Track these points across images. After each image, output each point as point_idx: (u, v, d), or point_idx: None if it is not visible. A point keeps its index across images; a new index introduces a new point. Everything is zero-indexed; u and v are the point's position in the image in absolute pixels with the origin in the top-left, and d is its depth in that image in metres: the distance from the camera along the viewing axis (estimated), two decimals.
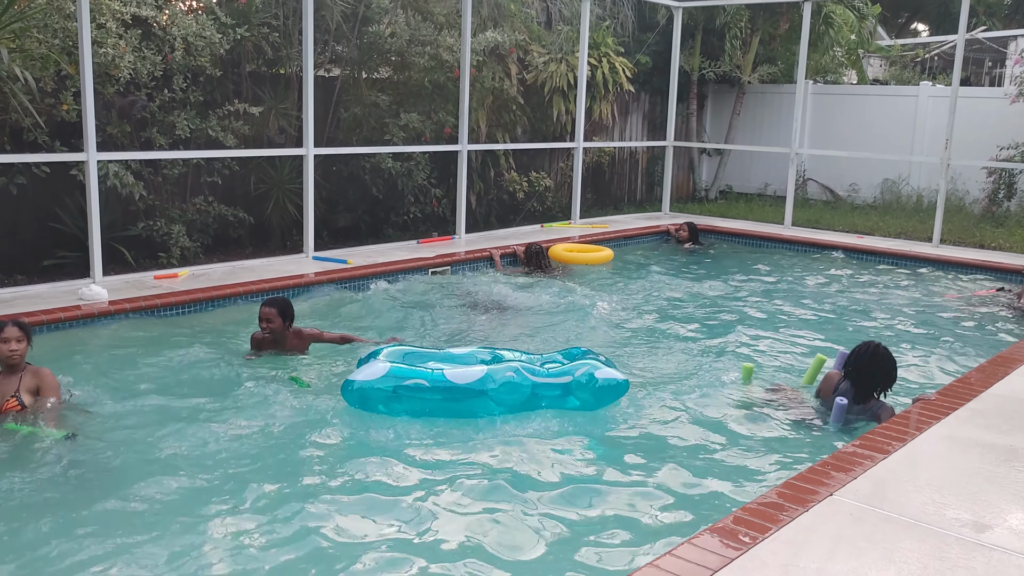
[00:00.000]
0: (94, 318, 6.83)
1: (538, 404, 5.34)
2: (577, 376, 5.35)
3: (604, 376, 5.37)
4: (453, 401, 5.24)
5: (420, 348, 5.96)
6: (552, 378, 5.37)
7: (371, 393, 5.23)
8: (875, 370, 5.35)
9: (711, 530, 3.65)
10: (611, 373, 5.43)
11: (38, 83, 8.15)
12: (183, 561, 3.67)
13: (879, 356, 5.37)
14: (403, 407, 5.24)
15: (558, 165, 14.38)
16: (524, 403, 5.31)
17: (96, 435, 4.94)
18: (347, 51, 11.35)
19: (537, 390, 5.32)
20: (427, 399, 5.23)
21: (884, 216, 13.94)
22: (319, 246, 9.74)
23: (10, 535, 3.85)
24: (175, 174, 9.50)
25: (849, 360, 5.46)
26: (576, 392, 5.35)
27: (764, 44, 16.65)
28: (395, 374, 5.28)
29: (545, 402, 5.35)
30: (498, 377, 5.27)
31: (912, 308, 8.71)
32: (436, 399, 5.23)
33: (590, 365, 5.41)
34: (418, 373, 5.31)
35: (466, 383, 5.23)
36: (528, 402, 5.32)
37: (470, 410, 5.25)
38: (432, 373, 5.29)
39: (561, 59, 13.38)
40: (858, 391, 5.38)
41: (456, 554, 3.80)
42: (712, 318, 8.14)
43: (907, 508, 3.88)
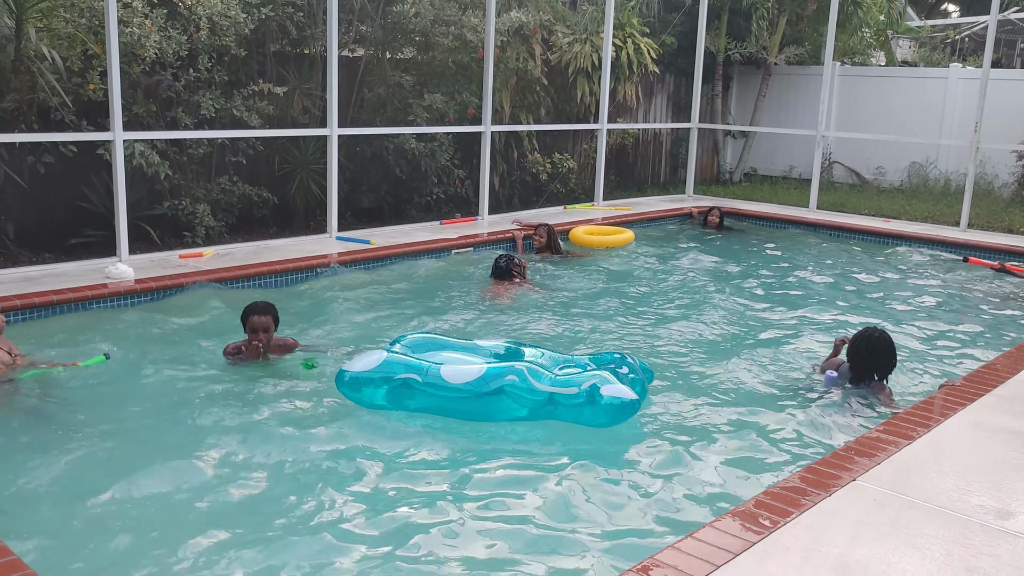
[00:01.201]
0: (120, 296, 6.89)
1: (552, 413, 4.83)
2: (582, 389, 4.80)
3: (610, 393, 4.77)
4: (448, 401, 4.82)
5: (443, 337, 5.54)
6: (557, 388, 4.82)
7: (364, 384, 4.89)
8: (873, 357, 5.51)
9: (733, 514, 3.65)
10: (618, 391, 4.79)
11: (65, 62, 8.21)
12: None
13: (879, 344, 5.53)
14: (402, 402, 4.87)
15: (581, 147, 14.32)
16: (532, 412, 4.82)
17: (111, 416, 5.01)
18: (371, 31, 11.33)
19: (545, 400, 4.81)
20: (422, 396, 4.84)
21: (911, 200, 13.79)
22: (342, 226, 9.77)
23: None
24: (200, 154, 9.55)
25: (850, 344, 5.63)
26: (578, 408, 4.80)
27: (791, 25, 16.47)
28: (389, 365, 4.90)
29: (560, 412, 4.83)
30: (495, 382, 4.79)
31: (939, 292, 8.63)
32: (432, 397, 4.82)
33: (599, 378, 4.82)
34: (413, 366, 4.88)
35: (459, 383, 4.78)
36: (537, 411, 4.82)
37: (471, 412, 4.84)
38: (428, 368, 4.87)
39: (586, 40, 13.29)
40: (855, 374, 5.57)
41: (478, 535, 3.82)
42: (738, 300, 8.10)
43: (931, 494, 3.86)
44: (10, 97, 8.07)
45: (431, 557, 3.64)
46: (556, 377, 4.87)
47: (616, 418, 4.80)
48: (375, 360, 4.93)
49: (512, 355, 5.25)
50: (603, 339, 6.73)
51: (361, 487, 4.24)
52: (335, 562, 3.58)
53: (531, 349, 5.38)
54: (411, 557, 3.64)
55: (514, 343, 5.49)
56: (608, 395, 4.75)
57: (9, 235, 8.36)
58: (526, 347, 5.41)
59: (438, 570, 3.56)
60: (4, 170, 8.22)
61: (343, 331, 6.66)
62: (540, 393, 4.80)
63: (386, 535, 3.80)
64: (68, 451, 4.48)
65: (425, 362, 4.94)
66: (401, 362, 4.92)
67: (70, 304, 6.63)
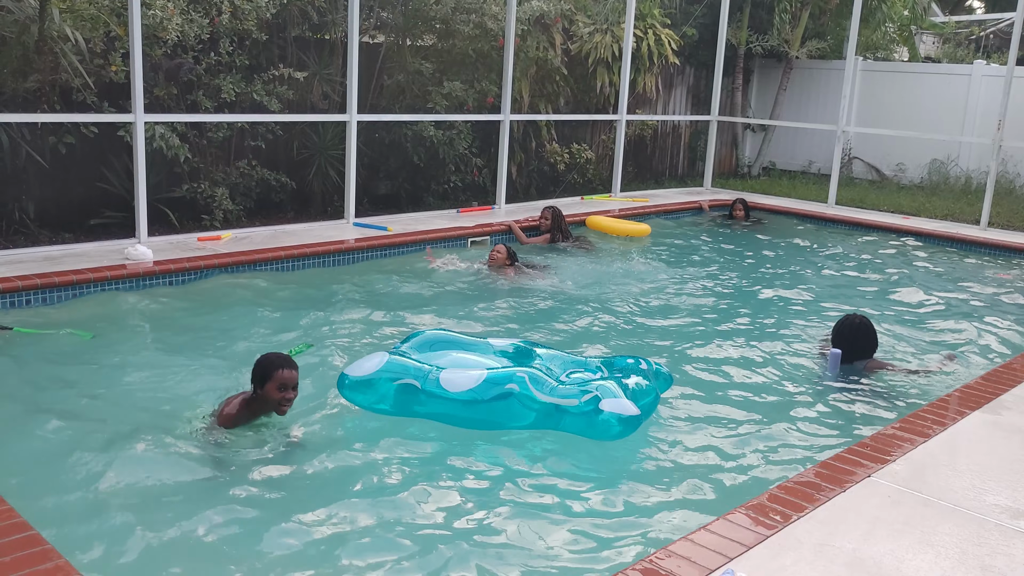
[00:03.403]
0: (139, 277, 6.94)
1: (558, 423, 4.54)
2: (581, 402, 4.49)
3: (610, 408, 4.44)
4: (451, 408, 4.55)
5: (455, 335, 5.32)
6: (557, 398, 4.51)
7: (365, 389, 4.65)
8: (857, 338, 5.92)
9: (746, 507, 3.65)
10: (619, 406, 4.46)
11: (88, 44, 8.24)
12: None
13: (860, 327, 5.96)
14: (408, 408, 4.60)
15: (600, 137, 14.28)
16: (538, 420, 4.54)
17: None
18: (392, 18, 11.32)
19: (551, 410, 4.52)
20: (425, 401, 4.58)
21: (931, 197, 13.70)
22: (359, 212, 9.78)
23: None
24: (219, 137, 9.58)
25: (834, 331, 6.03)
26: (576, 419, 4.50)
27: (814, 19, 16.36)
28: (391, 368, 4.65)
29: (566, 422, 4.53)
30: (495, 389, 4.53)
31: (961, 290, 8.57)
32: (434, 403, 4.57)
33: (601, 390, 4.52)
34: (414, 371, 4.63)
35: (458, 392, 4.53)
36: (543, 419, 4.54)
37: (474, 420, 4.59)
38: (427, 373, 4.61)
39: (606, 30, 13.24)
40: (845, 356, 5.90)
41: (490, 530, 3.83)
42: (755, 292, 8.07)
43: (946, 492, 3.85)
44: (33, 78, 8.11)
45: (433, 555, 3.64)
46: (557, 387, 4.57)
47: (616, 434, 4.48)
48: (377, 363, 4.68)
49: (523, 356, 5.04)
50: (607, 334, 6.68)
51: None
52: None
53: (543, 350, 5.20)
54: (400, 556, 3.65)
55: (527, 343, 5.28)
56: (608, 410, 4.44)
57: (30, 215, 8.42)
58: (538, 347, 5.23)
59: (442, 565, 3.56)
60: (26, 150, 8.27)
61: (353, 320, 6.67)
62: (543, 402, 4.52)
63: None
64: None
65: (427, 366, 4.68)
66: (402, 365, 4.67)
67: (89, 284, 6.67)
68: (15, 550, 3.03)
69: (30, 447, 4.28)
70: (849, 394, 5.53)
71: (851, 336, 5.91)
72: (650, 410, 4.73)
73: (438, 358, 4.89)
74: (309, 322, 6.42)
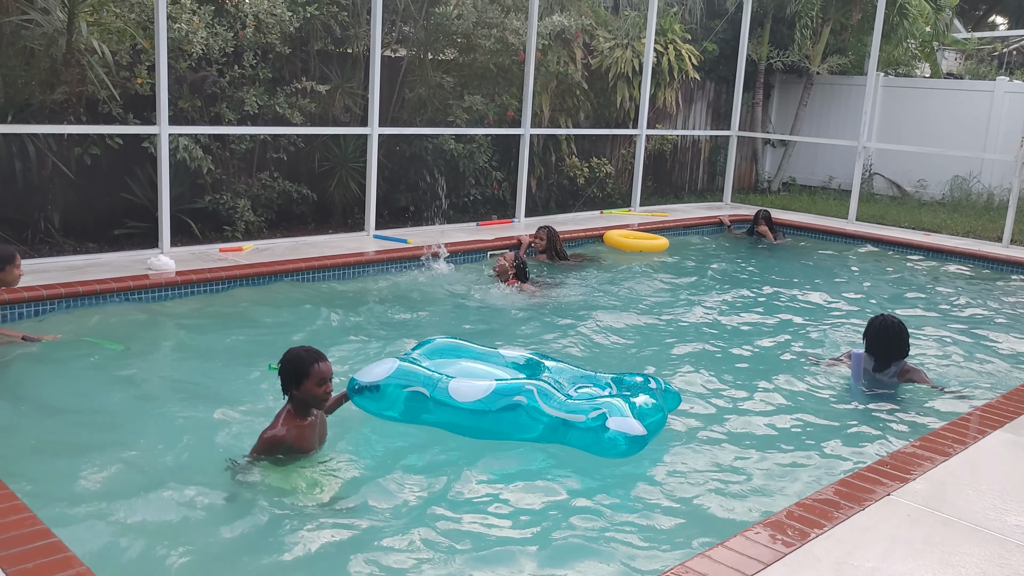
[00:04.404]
0: (161, 288, 7.00)
1: (565, 437, 4.51)
2: (589, 418, 4.47)
3: (616, 427, 4.42)
4: (459, 418, 4.55)
5: (466, 344, 5.26)
6: (565, 413, 4.50)
7: (374, 395, 4.61)
8: (889, 339, 5.77)
9: (764, 524, 3.64)
10: (626, 424, 4.43)
11: (114, 56, 8.35)
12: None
13: (891, 326, 5.81)
14: (417, 416, 4.59)
15: (620, 152, 14.30)
16: (544, 433, 4.52)
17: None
18: (414, 32, 11.41)
19: (558, 424, 4.50)
20: (431, 411, 4.57)
21: (952, 214, 13.62)
22: (379, 225, 9.84)
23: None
24: (242, 149, 9.68)
25: (866, 334, 5.90)
26: (582, 435, 4.48)
27: (835, 34, 16.33)
28: (400, 376, 4.63)
29: (572, 436, 4.50)
30: (503, 401, 4.53)
31: (983, 308, 8.51)
32: (441, 414, 4.56)
33: (609, 408, 4.49)
34: (423, 379, 4.62)
35: (466, 401, 4.52)
36: (550, 433, 4.52)
37: (481, 431, 4.57)
38: (436, 382, 4.61)
39: (627, 45, 13.27)
40: (877, 361, 5.83)
41: (501, 540, 3.84)
42: (773, 306, 8.05)
43: (967, 512, 3.82)
44: (60, 89, 8.23)
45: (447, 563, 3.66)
46: (566, 401, 4.57)
47: (621, 453, 4.44)
48: (386, 370, 4.66)
49: (532, 368, 5.03)
50: (615, 349, 6.66)
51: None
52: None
53: (553, 362, 5.17)
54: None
55: (537, 355, 5.26)
56: (614, 428, 4.41)
57: (55, 225, 8.52)
58: (548, 360, 5.20)
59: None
60: (52, 161, 8.38)
61: (374, 330, 6.71)
62: (550, 416, 4.51)
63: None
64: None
65: (436, 374, 4.68)
66: (412, 373, 4.67)
67: (112, 294, 6.75)
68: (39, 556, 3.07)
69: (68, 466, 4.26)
70: (874, 407, 5.49)
71: (883, 336, 5.78)
72: (656, 429, 4.70)
73: (448, 366, 4.90)
74: (326, 332, 6.46)
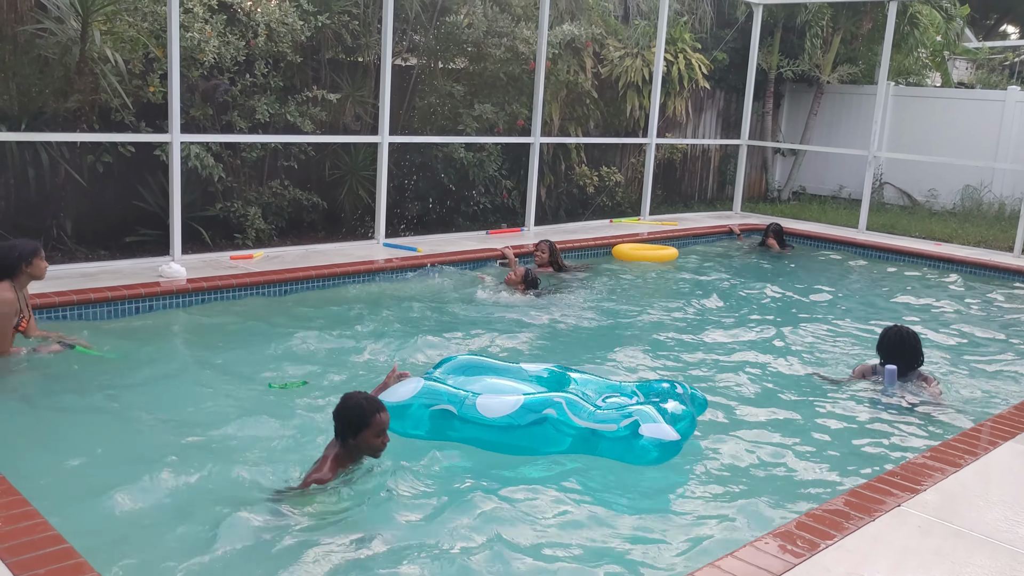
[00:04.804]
0: (172, 295, 7.03)
1: (595, 448, 4.55)
2: (621, 427, 4.50)
3: (650, 434, 4.46)
4: (487, 433, 4.55)
5: (487, 360, 5.30)
6: (595, 423, 4.52)
7: (401, 414, 4.59)
8: (904, 349, 5.84)
9: (774, 534, 3.63)
10: (660, 431, 4.47)
11: (127, 65, 8.41)
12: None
13: (906, 337, 5.88)
14: (444, 433, 4.60)
15: (629, 160, 14.31)
16: (574, 444, 4.55)
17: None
18: (424, 41, 11.45)
19: (588, 435, 4.53)
20: (461, 427, 4.57)
21: (963, 224, 13.58)
22: (389, 233, 9.87)
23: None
24: (253, 157, 9.72)
25: (880, 345, 5.95)
26: (614, 444, 4.51)
27: (845, 43, 16.33)
28: (426, 395, 4.65)
29: (602, 447, 4.54)
30: (532, 415, 4.54)
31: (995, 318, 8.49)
32: (471, 428, 4.56)
33: (641, 415, 4.52)
34: (449, 397, 4.64)
35: (495, 417, 4.53)
36: (579, 444, 4.55)
37: (510, 446, 4.58)
38: (463, 399, 4.63)
39: (637, 54, 13.29)
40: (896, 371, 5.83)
41: (514, 548, 3.84)
42: (783, 317, 8.03)
43: (978, 523, 3.81)
44: (74, 98, 8.28)
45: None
46: (595, 412, 4.58)
47: (655, 460, 4.49)
48: (412, 389, 4.68)
49: (557, 380, 5.04)
50: (633, 360, 6.65)
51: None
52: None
53: (577, 374, 5.18)
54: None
55: (560, 367, 5.26)
56: (648, 435, 4.45)
57: (67, 232, 8.57)
58: (572, 371, 5.20)
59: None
60: (65, 168, 8.43)
61: (386, 341, 6.72)
62: (580, 428, 4.53)
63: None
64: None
65: (462, 391, 4.69)
66: (438, 391, 4.68)
67: (124, 301, 6.78)
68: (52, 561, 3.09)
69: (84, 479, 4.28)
70: (885, 417, 5.47)
71: (898, 346, 5.84)
72: (687, 434, 4.71)
73: (472, 383, 4.90)
74: (337, 341, 6.48)
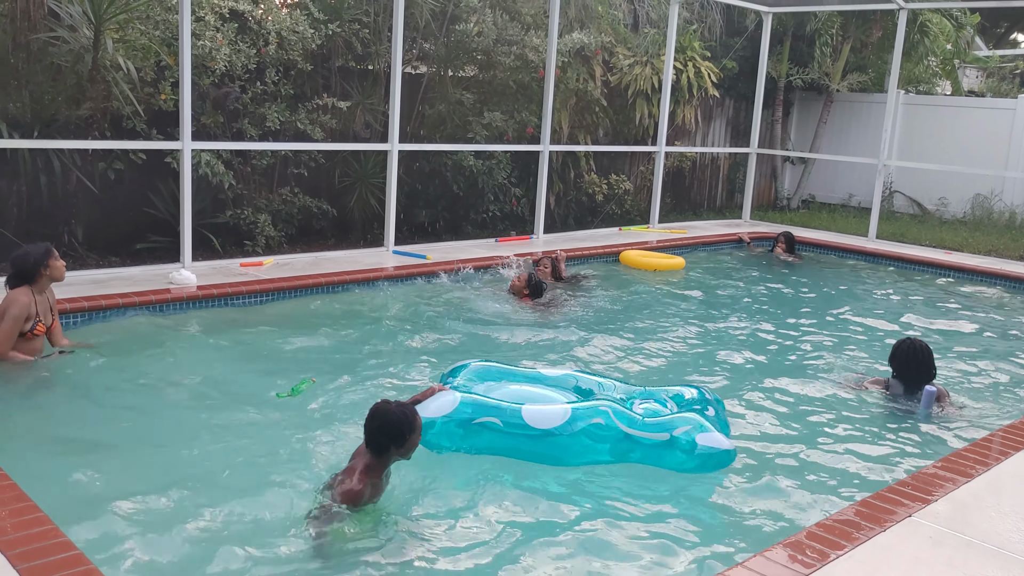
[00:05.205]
0: (182, 301, 7.06)
1: (627, 455, 4.56)
2: (675, 435, 4.51)
3: (707, 443, 4.50)
4: (531, 445, 4.48)
5: (503, 366, 5.21)
6: (647, 432, 4.52)
7: (441, 431, 4.48)
8: (919, 363, 5.83)
9: (784, 544, 3.61)
10: (715, 440, 4.54)
11: (139, 73, 8.45)
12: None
13: (919, 350, 5.86)
14: (476, 444, 4.51)
15: (638, 168, 14.31)
16: (621, 455, 4.54)
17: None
18: (434, 49, 11.48)
19: (628, 442, 4.53)
20: (502, 439, 4.49)
21: (974, 232, 13.54)
22: (399, 240, 9.88)
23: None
24: (263, 165, 9.75)
25: (893, 358, 5.95)
26: (670, 454, 4.54)
27: (855, 52, 16.31)
28: (466, 408, 4.52)
29: (637, 454, 4.55)
30: (580, 424, 4.48)
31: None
32: (511, 441, 4.48)
33: (693, 425, 4.54)
34: (492, 409, 4.53)
35: (543, 428, 4.46)
36: (616, 454, 4.55)
37: (550, 456, 4.52)
38: (507, 410, 4.52)
39: (646, 62, 13.30)
40: (907, 385, 5.87)
41: (521, 555, 3.84)
42: (792, 325, 8.01)
43: (990, 534, 3.79)
44: (86, 105, 8.33)
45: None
46: (643, 420, 4.57)
47: (710, 468, 4.55)
48: (450, 403, 4.51)
49: (581, 386, 4.99)
50: (640, 367, 6.68)
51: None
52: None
53: (596, 378, 5.16)
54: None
55: (582, 371, 5.23)
56: (704, 444, 4.48)
57: (78, 238, 8.61)
58: (591, 375, 5.21)
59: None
60: (76, 175, 8.47)
61: (394, 347, 6.73)
62: (630, 436, 4.52)
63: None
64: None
65: (503, 402, 4.57)
66: (478, 404, 4.55)
67: (135, 307, 6.80)
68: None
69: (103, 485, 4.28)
70: (896, 427, 5.45)
71: (912, 360, 5.82)
72: (732, 453, 4.71)
73: (495, 391, 4.83)
74: (346, 349, 6.49)
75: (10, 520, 3.44)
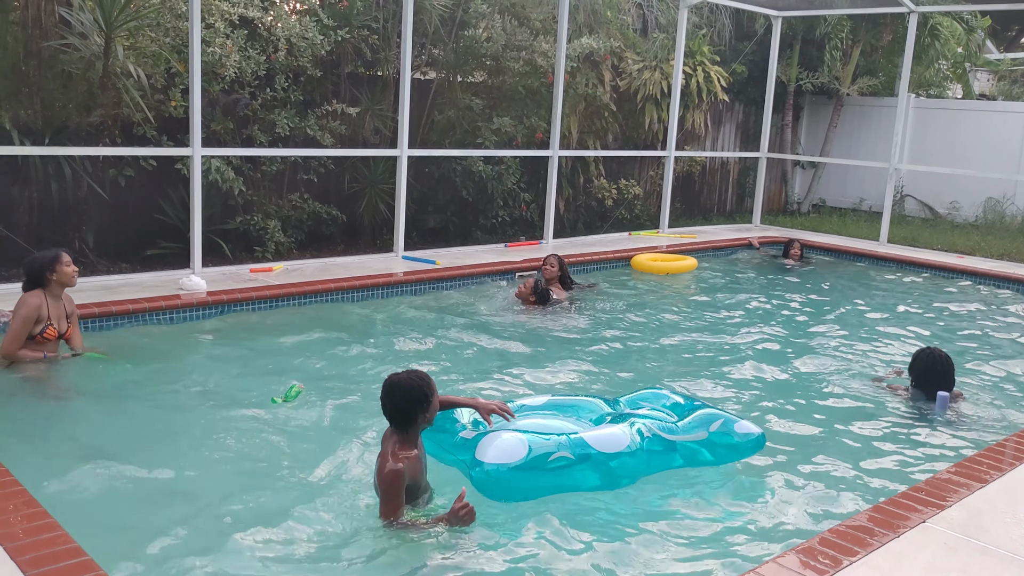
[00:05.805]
0: (193, 308, 7.06)
1: (670, 464, 4.54)
2: (712, 431, 4.61)
3: (743, 431, 4.69)
4: (596, 473, 4.29)
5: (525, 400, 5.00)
6: (688, 435, 4.57)
7: (514, 481, 4.11)
8: (938, 373, 5.83)
9: (796, 550, 3.59)
10: (748, 427, 4.73)
11: (149, 80, 8.49)
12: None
13: (939, 360, 5.87)
14: (543, 485, 4.21)
15: (648, 173, 14.29)
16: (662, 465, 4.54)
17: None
18: (443, 54, 11.49)
19: (676, 450, 4.54)
20: (569, 474, 4.22)
21: (986, 236, 13.46)
22: (408, 246, 9.88)
23: None
24: (273, 171, 9.78)
25: (912, 367, 5.97)
26: (710, 448, 4.60)
27: (865, 55, 16.27)
28: (535, 450, 4.16)
29: (680, 461, 4.56)
30: (640, 442, 4.41)
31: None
32: (580, 473, 4.24)
33: (724, 418, 4.70)
34: (557, 444, 4.23)
35: (612, 451, 4.30)
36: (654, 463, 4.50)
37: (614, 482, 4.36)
38: (569, 440, 4.27)
39: (655, 67, 13.29)
40: (927, 395, 5.86)
41: (538, 565, 3.82)
42: (803, 330, 7.98)
43: (1005, 540, 3.75)
44: (97, 112, 8.36)
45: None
46: (677, 424, 4.61)
47: (747, 454, 4.75)
48: (518, 448, 4.15)
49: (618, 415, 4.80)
50: (640, 367, 6.66)
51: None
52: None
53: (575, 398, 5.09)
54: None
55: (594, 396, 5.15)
56: (742, 432, 4.69)
57: (89, 245, 8.63)
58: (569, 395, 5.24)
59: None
60: (87, 182, 8.50)
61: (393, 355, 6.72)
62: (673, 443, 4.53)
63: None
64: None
65: (561, 436, 4.32)
66: (544, 443, 4.23)
67: (145, 313, 6.82)
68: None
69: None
70: (910, 433, 5.41)
71: (932, 369, 5.84)
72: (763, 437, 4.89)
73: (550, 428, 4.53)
74: (356, 355, 6.49)
75: (21, 526, 3.45)
